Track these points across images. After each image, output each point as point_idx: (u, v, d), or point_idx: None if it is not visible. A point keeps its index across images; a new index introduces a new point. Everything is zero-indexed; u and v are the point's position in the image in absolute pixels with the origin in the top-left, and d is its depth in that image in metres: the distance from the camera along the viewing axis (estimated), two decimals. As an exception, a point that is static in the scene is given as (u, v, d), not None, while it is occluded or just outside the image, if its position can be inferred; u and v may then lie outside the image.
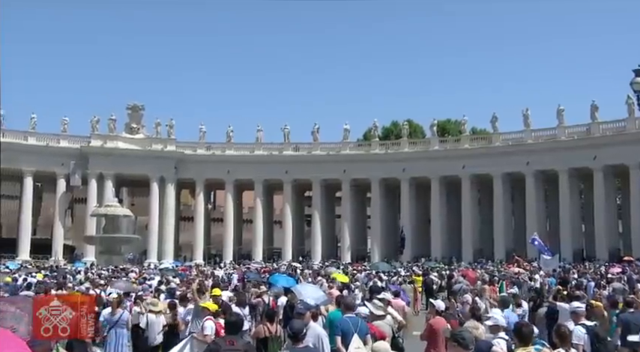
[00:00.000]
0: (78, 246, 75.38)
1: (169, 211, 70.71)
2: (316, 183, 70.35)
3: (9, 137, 66.43)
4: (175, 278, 30.23)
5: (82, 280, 29.42)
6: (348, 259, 65.12)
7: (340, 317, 10.93)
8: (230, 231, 71.50)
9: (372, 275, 33.35)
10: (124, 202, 74.03)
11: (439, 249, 64.15)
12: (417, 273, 34.20)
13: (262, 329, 10.86)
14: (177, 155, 70.90)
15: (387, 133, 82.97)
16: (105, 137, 69.86)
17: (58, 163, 67.15)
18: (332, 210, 76.28)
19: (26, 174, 66.77)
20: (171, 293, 18.94)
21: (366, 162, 68.56)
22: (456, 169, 64.26)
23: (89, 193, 68.40)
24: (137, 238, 63.50)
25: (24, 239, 66.79)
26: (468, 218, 64.22)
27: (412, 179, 67.18)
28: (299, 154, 71.36)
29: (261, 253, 69.83)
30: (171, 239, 70.88)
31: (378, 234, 68.45)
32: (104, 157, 68.21)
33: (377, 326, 11.12)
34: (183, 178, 72.02)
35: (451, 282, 28.28)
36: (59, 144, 68.74)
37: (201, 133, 72.78)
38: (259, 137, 72.12)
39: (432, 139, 68.80)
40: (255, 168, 70.09)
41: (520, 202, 64.48)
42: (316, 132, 70.94)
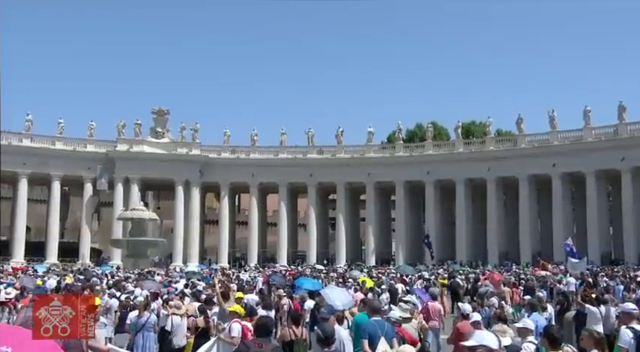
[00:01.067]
0: (104, 249, 76.13)
1: (194, 214, 71.10)
2: (340, 186, 70.29)
3: (37, 142, 67.57)
4: (200, 281, 30.37)
5: (109, 283, 29.64)
6: (373, 262, 64.97)
7: (366, 320, 10.89)
8: (255, 234, 71.70)
9: (396, 278, 33.21)
10: (149, 206, 74.66)
11: (464, 252, 63.72)
12: (443, 276, 34.00)
13: (288, 333, 10.85)
14: (202, 159, 71.29)
15: (411, 136, 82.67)
16: (131, 141, 70.52)
17: (85, 168, 67.91)
18: (356, 213, 76.14)
19: (54, 178, 67.63)
20: (196, 297, 19.02)
21: (390, 165, 68.34)
22: (481, 171, 63.79)
23: (115, 197, 69.06)
24: (163, 241, 63.93)
25: (52, 242, 67.67)
26: (494, 221, 63.68)
27: (437, 182, 66.81)
28: (323, 157, 71.37)
29: (285, 256, 69.91)
30: (196, 242, 71.26)
31: (403, 237, 68.14)
32: (130, 161, 68.85)
33: (406, 330, 11.06)
34: (208, 182, 72.38)
35: (477, 286, 28.09)
36: (86, 149, 69.56)
37: (225, 137, 73.15)
38: (283, 140, 72.29)
39: (456, 141, 68.38)
40: (279, 172, 70.23)
41: (546, 204, 63.74)
42: (340, 135, 70.94)
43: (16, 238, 66.29)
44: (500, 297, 18.76)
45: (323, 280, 30.89)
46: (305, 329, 11.66)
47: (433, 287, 24.52)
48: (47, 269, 45.93)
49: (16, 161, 64.68)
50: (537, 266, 41.89)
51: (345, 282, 27.91)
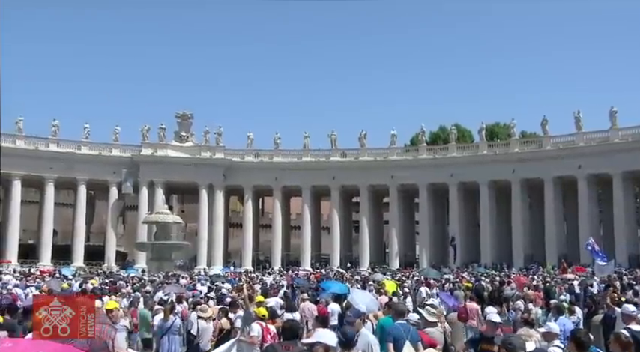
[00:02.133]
0: (130, 252, 76.76)
1: (218, 218, 71.45)
2: (364, 188, 70.21)
3: (64, 147, 68.47)
4: (225, 284, 30.47)
5: (135, 286, 29.86)
6: (397, 265, 64.71)
7: (391, 323, 10.87)
8: (278, 237, 71.89)
9: (420, 281, 33.04)
10: (174, 209, 75.19)
11: (489, 255, 63.25)
12: (467, 279, 33.74)
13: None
14: (225, 162, 71.65)
15: (434, 138, 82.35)
16: (155, 145, 71.10)
17: (110, 172, 68.64)
18: (380, 215, 75.97)
19: (80, 182, 68.44)
20: (221, 300, 19.10)
21: (413, 167, 68.10)
22: (505, 174, 63.30)
23: (140, 201, 69.67)
24: (187, 245, 64.32)
25: (78, 246, 68.45)
26: (519, 223, 63.13)
27: (461, 184, 66.44)
28: (346, 160, 71.35)
29: (309, 259, 69.99)
30: (220, 245, 71.60)
31: (427, 240, 67.85)
32: (154, 165, 69.42)
33: (427, 333, 11.02)
34: (232, 185, 72.71)
35: (502, 289, 27.84)
36: (111, 153, 70.28)
37: (249, 140, 73.50)
38: (306, 143, 72.42)
39: (480, 143, 67.97)
40: (302, 175, 70.33)
41: (572, 206, 62.97)
42: (363, 137, 70.88)
43: (44, 242, 67.15)
44: (528, 300, 18.58)
45: (347, 283, 30.80)
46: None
47: (458, 290, 24.37)
48: (74, 273, 46.41)
49: (43, 165, 65.73)
50: (563, 269, 41.42)
51: (365, 286, 27.83)
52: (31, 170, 65.83)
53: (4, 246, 65.81)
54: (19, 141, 66.35)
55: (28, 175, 66.16)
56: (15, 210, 66.04)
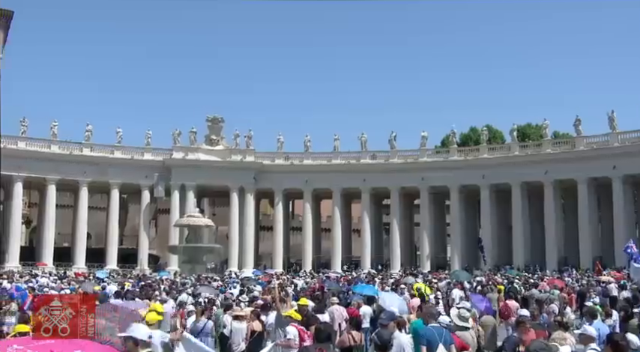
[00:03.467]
0: (162, 255, 77.47)
1: (249, 221, 71.75)
2: (394, 191, 69.93)
3: (97, 151, 69.41)
4: (256, 286, 30.58)
5: (166, 289, 30.12)
6: (428, 268, 64.30)
7: (423, 326, 10.81)
8: (309, 240, 71.97)
9: (452, 284, 32.78)
10: (205, 212, 75.63)
11: (521, 257, 62.54)
12: (499, 282, 33.39)
13: (347, 338, 10.85)
14: (256, 165, 71.95)
15: (465, 140, 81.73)
16: (186, 149, 71.71)
17: (142, 175, 69.37)
18: (410, 218, 75.58)
19: (113, 186, 69.29)
20: (253, 302, 19.16)
21: (444, 169, 67.65)
22: (537, 175, 62.51)
23: (172, 204, 70.28)
24: (219, 247, 64.68)
25: (112, 249, 69.28)
26: (552, 225, 62.28)
27: (492, 186, 65.81)
28: (376, 163, 71.15)
29: (339, 262, 69.91)
30: (251, 248, 71.87)
31: (458, 242, 67.35)
32: (186, 169, 70.02)
33: (459, 337, 10.93)
34: (263, 188, 72.97)
35: (534, 291, 27.50)
36: (143, 157, 71.03)
37: (279, 143, 73.65)
38: (337, 146, 72.37)
39: (512, 144, 67.28)
40: (332, 177, 70.31)
41: (607, 208, 61.94)
42: (393, 139, 70.63)
43: (78, 245, 68.10)
44: (563, 303, 18.42)
45: (378, 286, 30.68)
46: (363, 335, 11.62)
47: (491, 293, 24.14)
48: (108, 275, 46.97)
49: (76, 170, 66.73)
50: (598, 272, 40.78)
51: (396, 289, 27.69)
52: (65, 174, 66.87)
53: (39, 249, 66.98)
54: (54, 146, 67.43)
55: (62, 179, 67.20)
56: (50, 214, 67.10)
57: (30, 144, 66.42)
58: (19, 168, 63.93)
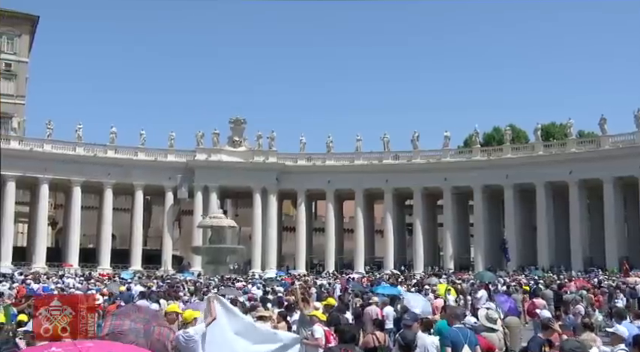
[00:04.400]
0: (185, 256, 77.87)
1: (272, 222, 71.88)
2: (417, 191, 69.62)
3: (121, 153, 70.00)
4: (280, 287, 30.65)
5: (191, 289, 30.28)
6: (451, 268, 63.93)
7: (448, 327, 10.74)
8: (331, 240, 71.92)
9: (476, 285, 32.56)
10: (228, 213, 75.92)
11: (546, 258, 61.92)
12: (524, 283, 33.11)
13: (371, 339, 10.81)
14: (278, 166, 72.07)
15: (488, 139, 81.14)
16: (209, 151, 72.06)
17: (165, 177, 69.85)
18: (433, 218, 75.19)
19: (137, 188, 69.84)
20: (278, 303, 19.18)
21: (467, 169, 67.23)
22: (562, 175, 61.83)
23: (195, 205, 70.66)
24: (242, 248, 64.89)
25: (136, 250, 69.88)
26: (577, 225, 61.56)
27: (516, 185, 65.24)
28: (399, 163, 70.90)
29: (362, 262, 69.76)
30: (274, 249, 71.98)
31: (482, 243, 66.87)
32: (209, 170, 70.35)
33: (485, 338, 10.84)
34: (285, 189, 73.08)
35: (560, 292, 27.24)
36: (166, 159, 71.48)
37: (301, 144, 73.69)
38: (359, 146, 72.24)
39: (536, 144, 66.63)
40: (355, 178, 70.20)
41: (633, 207, 61.12)
42: (416, 140, 70.33)
43: (103, 246, 68.76)
44: (590, 304, 18.30)
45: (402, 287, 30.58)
46: (387, 336, 11.58)
47: (516, 294, 23.95)
48: (133, 276, 47.34)
49: (101, 172, 67.36)
50: (625, 273, 40.29)
51: (420, 290, 27.56)
52: (90, 176, 67.54)
53: (65, 251, 67.71)
54: (79, 149, 68.14)
55: (87, 181, 67.89)
56: (75, 216, 67.82)
57: (56, 147, 67.23)
58: (46, 171, 64.77)
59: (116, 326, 8.41)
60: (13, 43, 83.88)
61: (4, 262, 60.45)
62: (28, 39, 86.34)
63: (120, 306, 16.26)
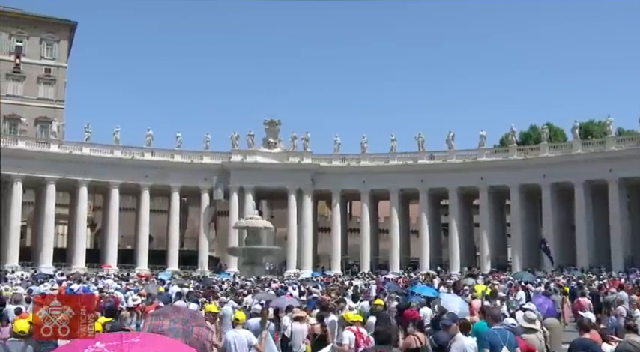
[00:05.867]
0: (221, 257, 78.42)
1: (307, 222, 72.02)
2: (453, 191, 69.09)
3: (158, 155, 70.85)
4: (316, 288, 30.68)
5: (227, 290, 30.48)
6: (488, 269, 63.25)
7: (486, 328, 10.63)
8: (367, 241, 71.77)
9: (514, 285, 32.17)
10: (263, 214, 76.30)
11: (585, 258, 60.84)
12: (563, 283, 32.62)
13: (413, 340, 10.77)
14: (313, 167, 72.17)
15: (525, 138, 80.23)
16: (244, 152, 72.50)
17: (201, 178, 70.47)
18: (469, 218, 74.57)
19: (173, 189, 70.62)
20: (313, 304, 19.21)
21: (504, 168, 66.54)
22: (601, 173, 60.72)
23: (231, 206, 71.13)
24: (277, 249, 65.14)
25: (173, 251, 70.65)
26: (617, 224, 60.36)
27: (554, 185, 64.29)
28: (434, 163, 70.44)
29: (398, 263, 69.47)
30: (309, 250, 72.12)
31: (519, 243, 66.03)
32: (244, 171, 70.76)
33: (525, 339, 10.70)
34: (320, 190, 73.16)
35: (599, 293, 26.75)
36: (202, 161, 72.12)
37: (336, 145, 73.68)
38: (394, 147, 71.99)
39: (574, 142, 65.54)
40: (390, 178, 69.94)
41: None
42: (451, 139, 69.84)
43: (140, 247, 69.69)
44: (634, 306, 17.87)
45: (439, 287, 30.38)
46: (427, 337, 11.52)
47: (555, 295, 23.62)
48: (170, 277, 47.83)
49: (138, 174, 68.26)
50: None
51: (458, 290, 27.31)
52: (127, 178, 68.49)
53: (104, 252, 68.79)
54: (117, 151, 69.16)
55: (125, 183, 68.83)
56: (114, 217, 68.84)
57: (94, 150, 68.32)
58: (84, 173, 65.91)
59: (156, 326, 8.51)
60: (53, 48, 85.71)
61: (46, 263, 61.78)
62: (67, 44, 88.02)
63: (158, 307, 16.45)
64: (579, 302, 19.87)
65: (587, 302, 19.48)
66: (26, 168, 63.38)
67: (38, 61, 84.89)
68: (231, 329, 12.70)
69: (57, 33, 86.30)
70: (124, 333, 6.10)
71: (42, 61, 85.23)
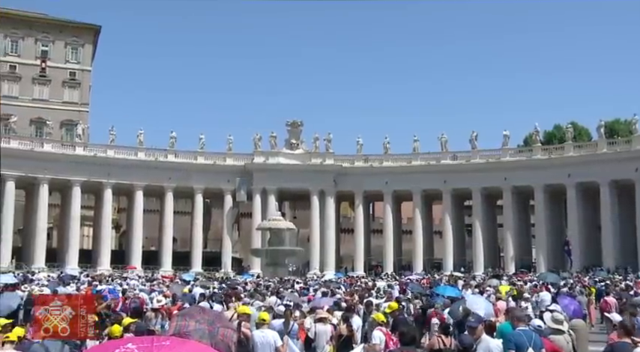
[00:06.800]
0: (245, 258, 78.71)
1: (330, 223, 72.02)
2: (476, 191, 68.69)
3: (181, 157, 71.32)
4: (339, 289, 30.64)
5: (251, 291, 30.51)
6: (512, 269, 62.77)
7: (511, 330, 10.56)
8: (390, 242, 71.58)
9: (538, 286, 31.88)
10: (286, 215, 76.43)
11: (611, 259, 60.09)
12: (589, 284, 32.26)
13: (437, 341, 10.74)
14: (335, 168, 72.15)
15: (549, 138, 79.52)
16: (267, 153, 72.71)
17: (224, 180, 70.80)
18: (493, 218, 74.03)
19: (197, 191, 71.03)
20: (337, 305, 19.18)
21: (528, 168, 65.98)
22: (627, 173, 59.95)
23: (254, 208, 71.37)
24: (300, 250, 65.17)
25: (196, 252, 71.05)
26: (644, 224, 59.56)
27: (579, 184, 63.58)
28: (457, 163, 70.10)
29: (421, 264, 69.20)
30: (332, 250, 72.11)
31: (544, 243, 65.43)
32: (267, 173, 70.94)
33: (552, 341, 10.61)
34: (343, 191, 73.12)
35: (627, 294, 26.41)
36: (225, 162, 72.45)
37: (358, 146, 73.64)
38: (416, 147, 71.78)
39: (599, 142, 64.78)
40: (413, 179, 69.71)
41: None
42: (474, 139, 69.45)
43: (164, 248, 70.22)
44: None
45: (463, 289, 30.22)
46: (452, 338, 11.49)
47: (580, 296, 23.37)
48: (194, 278, 48.00)
49: (162, 176, 68.76)
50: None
51: (482, 292, 27.14)
52: (151, 180, 69.03)
53: (129, 253, 69.40)
54: (140, 153, 69.76)
55: (149, 185, 69.38)
56: (138, 219, 69.44)
57: (118, 152, 68.99)
58: (109, 175, 66.56)
59: (182, 327, 8.58)
60: (77, 52, 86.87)
61: (71, 264, 62.45)
62: (91, 48, 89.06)
63: (182, 308, 16.57)
64: (606, 302, 19.81)
65: (614, 301, 19.26)
66: (52, 170, 64.26)
67: (63, 65, 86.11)
68: (256, 329, 12.76)
69: (81, 37, 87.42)
70: (155, 337, 6.15)
71: (67, 64, 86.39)
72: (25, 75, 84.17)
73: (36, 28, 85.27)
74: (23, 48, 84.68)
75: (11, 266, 58.49)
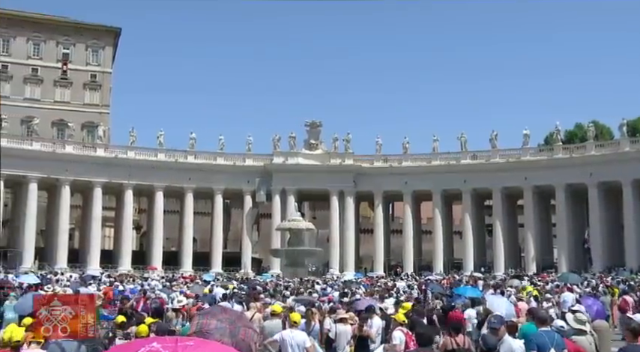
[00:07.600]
0: (264, 258, 78.84)
1: (349, 224, 71.98)
2: (496, 191, 68.26)
3: (201, 158, 71.63)
4: (358, 289, 30.62)
5: (271, 292, 30.56)
6: (533, 270, 62.31)
7: (534, 330, 10.48)
8: (409, 242, 71.33)
9: (560, 286, 31.63)
10: (305, 216, 76.41)
11: (634, 259, 59.38)
12: (611, 284, 31.93)
13: (449, 341, 10.69)
14: (355, 168, 72.08)
15: (570, 137, 78.76)
16: (286, 154, 72.81)
17: (244, 181, 71.05)
18: (514, 218, 73.51)
19: (216, 192, 71.31)
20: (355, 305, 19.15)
21: (548, 168, 65.48)
22: (651, 171, 59.24)
23: (273, 208, 71.53)
24: (320, 251, 65.13)
25: (216, 252, 71.31)
26: (668, 224, 58.83)
27: (601, 184, 62.92)
28: (477, 163, 69.70)
29: (441, 264, 68.88)
30: (352, 251, 72.05)
31: (565, 243, 64.87)
32: (286, 173, 71.07)
33: (575, 342, 10.51)
34: (362, 191, 73.02)
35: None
36: (245, 163, 72.70)
37: (377, 146, 73.52)
38: (436, 147, 71.49)
39: (621, 140, 64.06)
40: (432, 179, 69.45)
41: None
42: (494, 138, 69.05)
43: (185, 249, 70.55)
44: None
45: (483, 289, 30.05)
46: (468, 338, 11.41)
47: (604, 296, 23.15)
48: (214, 279, 48.17)
49: (182, 177, 69.16)
50: None
51: (503, 292, 26.96)
52: (171, 181, 69.45)
53: (150, 254, 69.82)
54: (160, 155, 70.21)
55: (169, 186, 69.82)
56: (158, 220, 69.89)
57: (139, 154, 69.49)
58: (130, 176, 67.04)
59: (203, 325, 8.61)
60: (98, 55, 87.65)
61: (93, 265, 63.02)
62: (112, 50, 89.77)
63: (201, 308, 16.64)
64: (624, 300, 19.84)
65: (631, 300, 19.12)
66: (73, 172, 64.90)
67: (84, 68, 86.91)
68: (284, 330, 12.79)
69: (102, 39, 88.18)
70: (178, 337, 6.21)
71: (87, 67, 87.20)
72: (46, 77, 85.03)
73: (57, 31, 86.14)
74: (45, 51, 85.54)
75: (34, 266, 59.16)
